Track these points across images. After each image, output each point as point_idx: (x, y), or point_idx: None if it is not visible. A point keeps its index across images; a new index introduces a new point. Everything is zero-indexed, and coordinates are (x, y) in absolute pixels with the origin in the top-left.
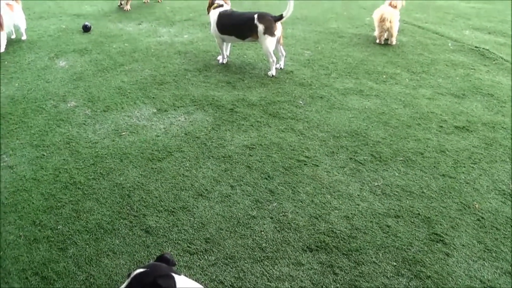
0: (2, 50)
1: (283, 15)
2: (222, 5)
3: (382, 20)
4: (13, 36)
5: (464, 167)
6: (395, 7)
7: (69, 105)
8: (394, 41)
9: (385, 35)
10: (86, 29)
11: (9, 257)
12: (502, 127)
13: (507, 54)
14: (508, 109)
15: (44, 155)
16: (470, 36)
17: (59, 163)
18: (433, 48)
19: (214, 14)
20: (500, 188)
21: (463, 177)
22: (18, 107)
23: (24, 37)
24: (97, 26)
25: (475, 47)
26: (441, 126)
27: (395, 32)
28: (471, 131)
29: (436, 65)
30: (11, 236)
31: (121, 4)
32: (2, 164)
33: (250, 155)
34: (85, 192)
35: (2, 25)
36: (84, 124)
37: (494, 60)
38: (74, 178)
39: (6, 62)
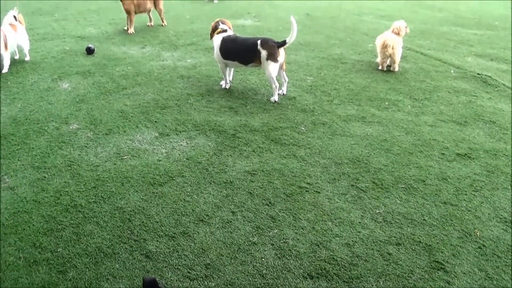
0: (6, 70)
1: (286, 41)
2: (226, 30)
3: (384, 47)
4: (17, 57)
5: (466, 194)
6: (398, 33)
7: (71, 127)
8: (396, 67)
9: (388, 62)
10: (89, 51)
11: (8, 279)
12: (504, 155)
13: (509, 81)
14: (510, 136)
15: (45, 177)
16: (472, 63)
17: (60, 186)
18: (436, 75)
19: (217, 39)
20: (501, 215)
21: (464, 205)
22: (20, 128)
23: (27, 58)
24: (101, 48)
25: (477, 74)
26: (443, 154)
27: (397, 59)
28: (473, 159)
29: (439, 92)
30: (11, 257)
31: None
32: (3, 185)
33: (252, 181)
34: (86, 215)
35: (6, 45)
36: (86, 146)
37: (496, 87)
38: (75, 201)
39: (9, 83)
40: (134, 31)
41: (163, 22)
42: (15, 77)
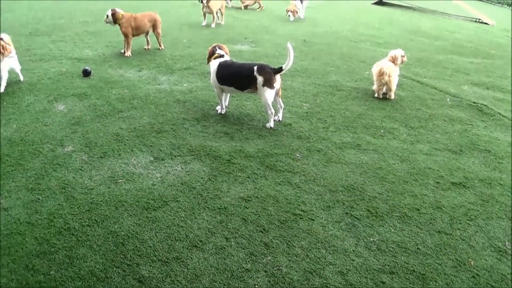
0: (2, 90)
1: (283, 67)
2: (222, 56)
3: (381, 74)
4: (22, 78)
5: (460, 223)
6: (394, 62)
7: (66, 149)
8: (392, 95)
9: (384, 89)
10: (86, 73)
11: None
12: (499, 184)
13: (505, 110)
14: (505, 165)
15: (39, 199)
16: (468, 91)
17: (54, 208)
18: (432, 103)
19: (214, 64)
20: (496, 245)
21: (458, 234)
22: (15, 149)
23: (21, 78)
24: (97, 71)
25: (474, 102)
26: (438, 182)
27: (393, 87)
28: (468, 188)
29: (434, 120)
30: (3, 279)
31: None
32: None
33: (246, 207)
34: (79, 238)
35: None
36: (81, 169)
37: (492, 116)
38: (69, 224)
39: (4, 103)
40: (131, 54)
41: (160, 46)
42: (10, 98)
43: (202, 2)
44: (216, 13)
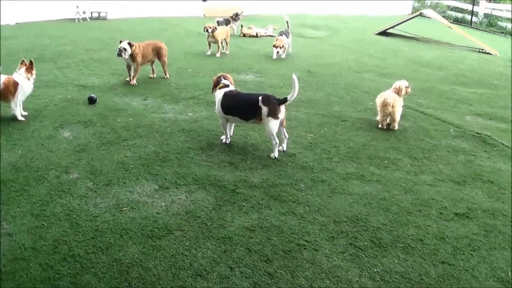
0: (20, 118)
1: (288, 98)
2: (227, 85)
3: (384, 105)
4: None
5: (464, 254)
6: (398, 93)
7: (71, 176)
8: (396, 126)
9: (388, 120)
10: (91, 101)
11: None
12: (502, 214)
13: (508, 140)
14: (508, 196)
15: (44, 225)
16: (471, 122)
17: (59, 234)
18: (435, 134)
19: (219, 94)
20: (499, 275)
21: (462, 264)
22: (20, 175)
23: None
24: (103, 98)
25: (477, 133)
26: (441, 213)
27: (397, 117)
28: (471, 218)
29: (438, 151)
30: None
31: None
32: (1, 231)
33: (250, 237)
34: (84, 265)
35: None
36: (86, 196)
37: (495, 147)
38: (73, 251)
39: (10, 129)
40: (136, 83)
41: (165, 74)
42: (16, 123)
43: (207, 31)
44: (221, 42)
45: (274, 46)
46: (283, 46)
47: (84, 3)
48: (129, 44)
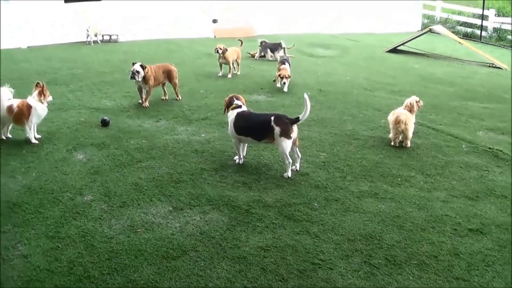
0: (33, 141)
1: (300, 118)
2: (240, 106)
3: (397, 122)
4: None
5: (478, 269)
6: (410, 110)
7: (85, 198)
8: (408, 143)
9: (400, 137)
10: (104, 123)
11: None
12: None
13: None
14: None
15: (59, 247)
16: (483, 137)
17: (74, 256)
18: (447, 150)
19: (232, 115)
20: None
21: (476, 280)
22: (35, 197)
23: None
24: (116, 121)
25: (489, 148)
26: (455, 229)
27: (410, 135)
28: (485, 233)
29: (450, 167)
30: None
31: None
32: (16, 253)
33: (265, 257)
34: (99, 286)
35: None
36: (100, 218)
37: (507, 161)
38: (89, 272)
39: (24, 151)
40: (148, 105)
41: (177, 96)
42: (30, 146)
43: (217, 52)
44: (232, 63)
45: (279, 76)
46: (289, 76)
47: (96, 26)
48: (142, 66)
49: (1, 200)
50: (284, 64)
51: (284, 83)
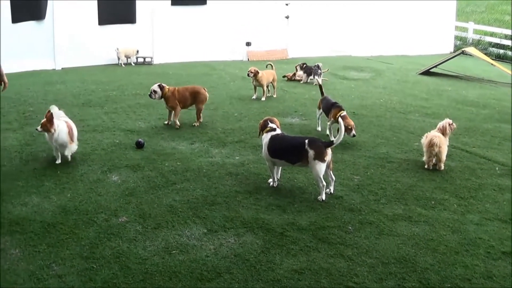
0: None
1: (334, 141)
2: (274, 129)
3: (431, 145)
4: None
5: None
6: (444, 132)
7: (120, 220)
8: (442, 166)
9: (434, 160)
10: (139, 145)
11: None
12: None
13: None
14: None
15: (93, 268)
16: None
17: (108, 277)
18: (481, 173)
19: (266, 137)
20: None
21: None
22: (70, 218)
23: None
24: (150, 143)
25: None
26: (489, 252)
27: (443, 157)
28: None
29: (484, 190)
30: None
31: (168, 122)
32: (51, 272)
33: (299, 280)
34: None
35: (72, 137)
36: (135, 240)
37: None
38: None
39: (58, 172)
40: (179, 124)
41: (197, 121)
42: (65, 167)
43: (249, 76)
44: (267, 86)
45: (348, 127)
46: (352, 127)
47: (128, 48)
48: (160, 86)
49: (36, 220)
50: (341, 108)
51: (354, 135)
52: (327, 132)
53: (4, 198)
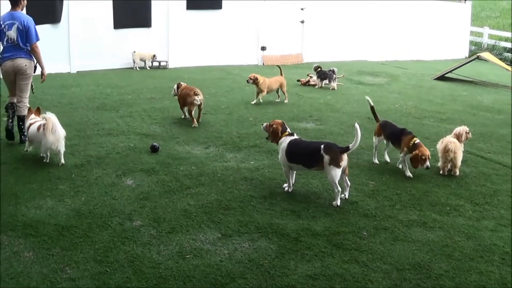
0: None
1: (350, 147)
2: (292, 134)
3: (446, 151)
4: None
5: None
6: (459, 138)
7: (134, 224)
8: (457, 172)
9: (449, 166)
10: (154, 149)
11: None
12: None
13: None
14: None
15: (107, 271)
16: None
17: (122, 281)
18: (496, 179)
19: (284, 142)
20: None
21: None
22: (84, 221)
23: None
24: (165, 147)
25: None
26: (504, 258)
27: (458, 163)
28: None
29: (499, 196)
30: None
31: (185, 116)
32: (64, 275)
33: (314, 285)
34: None
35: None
36: (149, 244)
37: None
38: None
39: (73, 175)
40: (197, 124)
41: (193, 122)
42: (79, 170)
43: (248, 82)
44: (277, 91)
45: (422, 157)
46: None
47: (144, 52)
48: (177, 85)
49: (50, 223)
50: (413, 135)
51: (428, 167)
52: (399, 165)
53: (18, 201)
